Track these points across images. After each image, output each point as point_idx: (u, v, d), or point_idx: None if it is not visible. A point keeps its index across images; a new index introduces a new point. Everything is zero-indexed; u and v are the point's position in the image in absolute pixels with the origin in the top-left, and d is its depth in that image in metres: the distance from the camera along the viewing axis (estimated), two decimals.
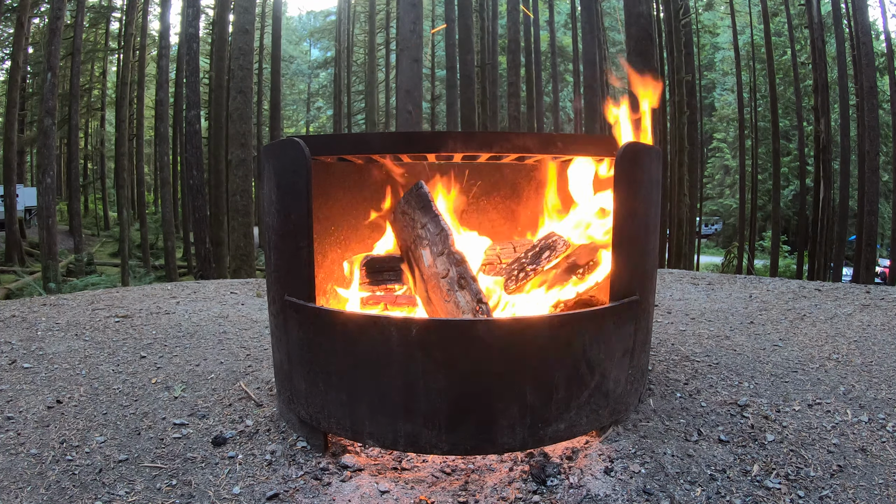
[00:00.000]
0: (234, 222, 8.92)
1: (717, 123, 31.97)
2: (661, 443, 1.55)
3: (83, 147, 24.55)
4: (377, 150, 1.62)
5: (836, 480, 1.40)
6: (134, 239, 18.32)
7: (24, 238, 17.52)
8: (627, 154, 1.48)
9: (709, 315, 3.07)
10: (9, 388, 1.97)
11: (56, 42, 12.07)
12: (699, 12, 23.96)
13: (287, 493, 1.35)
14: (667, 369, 2.14)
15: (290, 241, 1.52)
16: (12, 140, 15.24)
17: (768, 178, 23.59)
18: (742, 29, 23.94)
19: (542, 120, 20.34)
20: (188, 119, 10.69)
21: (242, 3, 8.92)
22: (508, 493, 1.34)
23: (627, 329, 1.56)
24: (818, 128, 15.55)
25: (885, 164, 18.35)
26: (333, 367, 1.47)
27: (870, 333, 2.59)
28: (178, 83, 17.22)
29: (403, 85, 6.93)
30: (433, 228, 1.66)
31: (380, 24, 29.30)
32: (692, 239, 17.14)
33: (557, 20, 25.79)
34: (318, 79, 41.94)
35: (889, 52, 14.59)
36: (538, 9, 19.38)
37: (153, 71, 22.29)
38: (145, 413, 1.79)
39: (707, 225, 32.56)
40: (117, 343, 2.53)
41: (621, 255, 1.51)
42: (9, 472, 1.44)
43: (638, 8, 6.58)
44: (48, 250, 11.68)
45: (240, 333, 2.75)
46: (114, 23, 23.46)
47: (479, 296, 1.57)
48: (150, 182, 29.17)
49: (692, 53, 18.28)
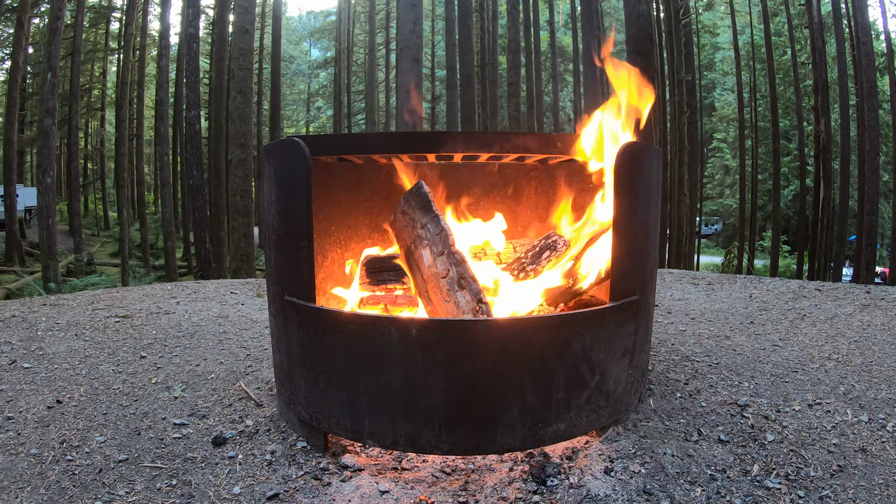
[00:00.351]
0: (234, 222, 8.92)
1: (717, 123, 31.98)
2: (661, 443, 1.55)
3: (83, 147, 24.56)
4: (377, 150, 1.62)
5: (836, 480, 1.40)
6: (134, 239, 18.32)
7: (24, 238, 17.53)
8: (627, 154, 1.48)
9: (709, 315, 3.07)
10: (9, 388, 1.97)
11: (56, 42, 12.06)
12: (699, 12, 23.95)
13: (287, 493, 1.35)
14: (667, 369, 2.14)
15: (290, 241, 1.52)
16: (12, 140, 15.24)
17: (768, 178, 23.59)
18: (742, 29, 23.95)
19: (542, 120, 20.34)
20: (188, 119, 10.69)
21: (242, 3, 8.92)
22: (508, 493, 1.34)
23: (627, 329, 1.56)
24: (818, 128, 15.55)
25: (885, 164, 18.35)
26: (333, 366, 1.47)
27: (870, 333, 2.59)
28: (178, 83, 17.22)
29: (403, 85, 6.93)
30: (433, 228, 1.66)
31: (380, 24, 29.31)
32: (692, 239, 17.14)
33: (557, 20, 25.79)
34: (318, 79, 41.95)
35: (889, 52, 14.59)
36: (538, 9, 19.38)
37: (153, 71, 22.29)
38: (145, 413, 1.79)
39: (707, 225, 32.57)
40: (117, 343, 2.53)
41: (621, 254, 1.51)
42: (9, 472, 1.44)
43: (638, 8, 6.58)
44: (48, 250, 11.68)
45: (240, 333, 2.75)
46: (114, 23, 23.46)
47: (479, 296, 1.57)
48: (150, 182, 29.17)
49: (692, 53, 18.28)
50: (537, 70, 18.55)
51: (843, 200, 14.32)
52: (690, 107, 16.79)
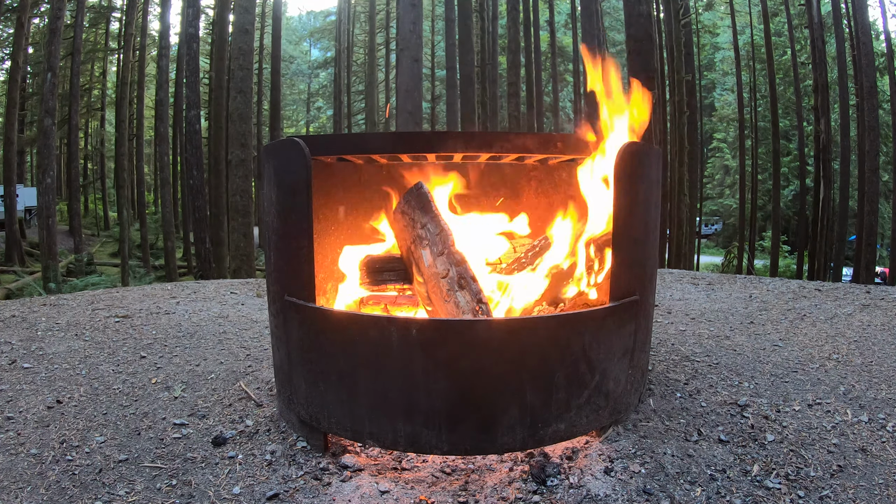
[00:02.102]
0: (234, 222, 8.92)
1: (717, 123, 31.97)
2: (661, 443, 1.55)
3: (83, 147, 24.55)
4: (377, 150, 1.62)
5: (836, 480, 1.40)
6: (134, 239, 18.32)
7: (24, 238, 17.53)
8: (627, 153, 1.48)
9: (709, 315, 3.07)
10: (9, 388, 1.97)
11: (56, 42, 12.07)
12: (699, 12, 23.95)
13: (287, 493, 1.35)
14: (667, 369, 2.14)
15: (290, 241, 1.52)
16: (12, 140, 15.24)
17: (768, 178, 23.59)
18: (742, 29, 23.95)
19: (542, 120, 20.34)
20: (188, 119, 10.69)
21: (242, 3, 8.92)
22: (508, 493, 1.34)
23: (627, 329, 1.56)
24: (818, 128, 15.55)
25: (885, 164, 18.34)
26: (333, 367, 1.47)
27: (870, 333, 2.59)
28: (178, 83, 17.21)
29: (403, 85, 6.94)
30: (433, 228, 1.66)
31: (380, 24, 29.32)
32: (692, 239, 17.15)
33: (557, 20, 25.79)
34: (318, 79, 41.95)
35: (889, 52, 14.60)
36: (538, 9, 19.37)
37: (153, 71, 22.29)
38: (145, 413, 1.79)
39: (707, 225, 32.57)
40: (117, 343, 2.53)
41: (621, 254, 1.51)
42: (9, 472, 1.44)
43: (638, 8, 6.58)
44: (48, 250, 11.68)
45: (240, 333, 2.75)
46: (114, 23, 23.47)
47: (479, 296, 1.57)
48: (150, 182, 29.16)
49: (692, 53, 18.29)
50: (537, 70, 18.55)
51: (843, 200, 14.32)
52: (690, 107, 16.79)
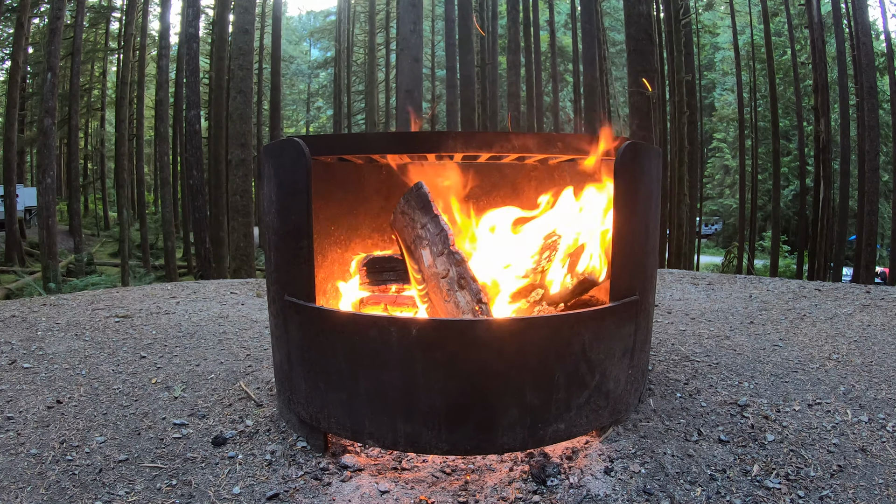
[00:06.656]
0: (234, 222, 8.92)
1: (717, 123, 31.97)
2: (661, 443, 1.55)
3: (83, 147, 24.55)
4: (377, 150, 1.62)
5: (836, 480, 1.40)
6: (134, 239, 18.32)
7: (24, 238, 17.53)
8: (627, 153, 1.48)
9: (709, 315, 3.07)
10: (9, 388, 1.97)
11: (56, 42, 12.06)
12: (699, 12, 23.94)
13: (287, 493, 1.35)
14: (667, 369, 2.14)
15: (290, 241, 1.52)
16: (12, 140, 15.24)
17: (768, 178, 23.59)
18: (742, 29, 23.94)
19: (542, 120, 20.33)
20: (188, 119, 10.69)
21: (242, 3, 8.92)
22: (508, 493, 1.34)
23: (627, 329, 1.56)
24: (818, 128, 15.55)
25: (885, 164, 18.35)
26: (333, 367, 1.47)
27: (870, 333, 2.59)
28: (178, 83, 17.21)
29: (403, 85, 6.93)
30: (433, 228, 1.66)
31: (380, 24, 29.31)
32: (692, 239, 17.14)
33: (557, 20, 25.77)
34: (318, 79, 41.95)
35: (889, 52, 14.60)
36: (538, 9, 19.37)
37: (153, 71, 22.28)
38: (145, 413, 1.79)
39: (707, 225, 32.55)
40: (117, 343, 2.53)
41: (621, 254, 1.51)
42: (9, 472, 1.44)
43: (638, 8, 6.58)
44: (48, 250, 11.68)
45: (240, 333, 2.75)
46: (114, 23, 23.46)
47: (479, 296, 1.57)
48: (150, 182, 29.15)
49: (692, 53, 18.29)
50: (537, 70, 18.55)
51: (843, 200, 14.31)
52: (690, 107, 16.79)
